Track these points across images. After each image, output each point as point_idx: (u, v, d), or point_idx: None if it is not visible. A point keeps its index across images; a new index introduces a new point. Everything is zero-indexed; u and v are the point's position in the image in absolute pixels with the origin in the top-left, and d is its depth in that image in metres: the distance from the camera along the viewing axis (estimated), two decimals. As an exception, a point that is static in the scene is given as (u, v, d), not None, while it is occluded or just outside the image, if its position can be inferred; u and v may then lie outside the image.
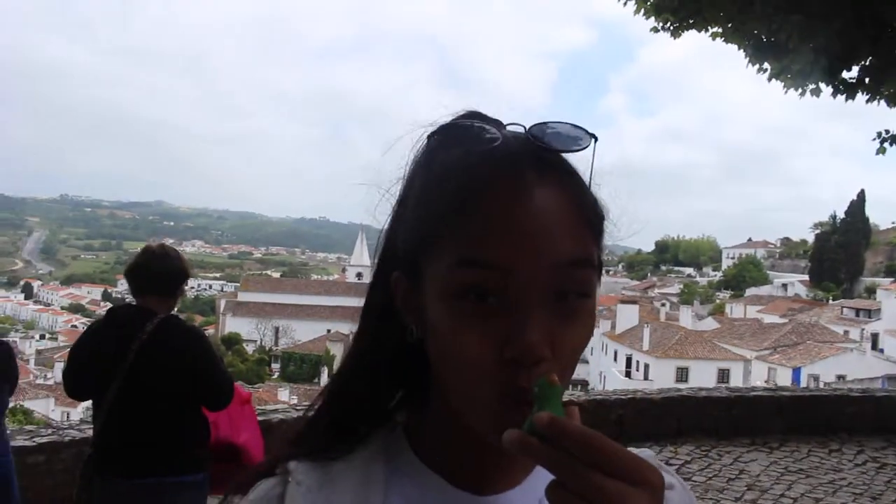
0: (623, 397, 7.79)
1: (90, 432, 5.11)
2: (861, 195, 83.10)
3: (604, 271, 0.69)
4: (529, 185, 0.61)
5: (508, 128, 0.67)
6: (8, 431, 3.24)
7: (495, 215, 0.60)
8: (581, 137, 0.65)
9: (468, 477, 0.69)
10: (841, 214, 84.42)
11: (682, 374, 44.94)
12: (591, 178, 0.67)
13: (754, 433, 7.76)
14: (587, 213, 0.65)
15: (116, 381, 2.77)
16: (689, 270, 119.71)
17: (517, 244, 0.60)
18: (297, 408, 6.92)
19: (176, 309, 3.15)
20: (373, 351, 0.71)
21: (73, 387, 3.01)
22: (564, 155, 0.65)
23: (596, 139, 0.65)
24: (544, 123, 0.65)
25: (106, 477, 2.83)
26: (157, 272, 2.94)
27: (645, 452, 0.70)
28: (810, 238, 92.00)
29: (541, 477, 0.64)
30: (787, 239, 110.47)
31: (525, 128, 0.65)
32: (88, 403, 3.00)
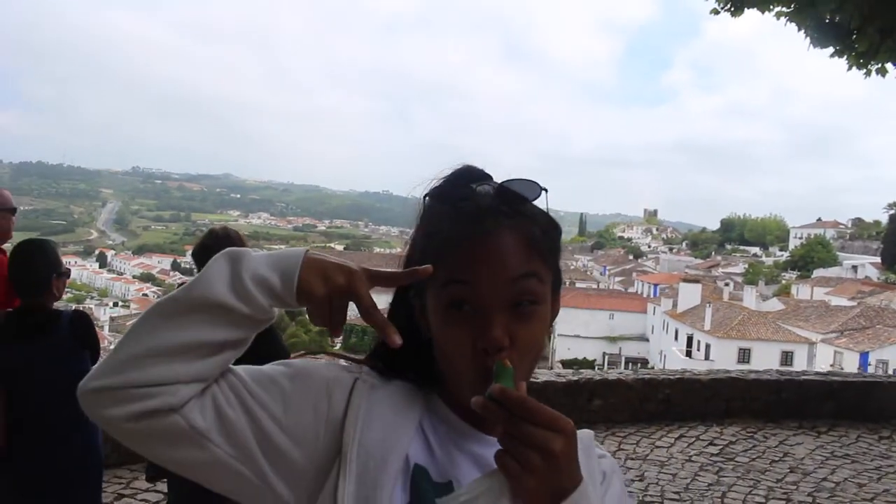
0: (671, 377, 7.88)
1: None
2: (940, 174, 79.59)
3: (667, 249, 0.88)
4: (489, 228, 0.92)
5: (486, 185, 0.97)
6: None
7: (466, 251, 0.91)
8: (534, 190, 0.97)
9: (475, 419, 0.95)
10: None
11: (745, 355, 44.26)
12: (547, 210, 0.99)
13: (803, 417, 7.77)
14: (534, 241, 0.94)
15: None
16: (755, 250, 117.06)
17: (479, 267, 0.91)
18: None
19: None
20: (407, 344, 0.94)
21: None
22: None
23: (546, 191, 0.97)
24: (508, 182, 0.96)
25: None
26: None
27: (585, 432, 1.00)
28: (884, 219, 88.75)
29: None
30: (859, 220, 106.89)
31: (494, 186, 0.97)
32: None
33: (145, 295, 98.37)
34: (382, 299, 0.97)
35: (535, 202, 0.98)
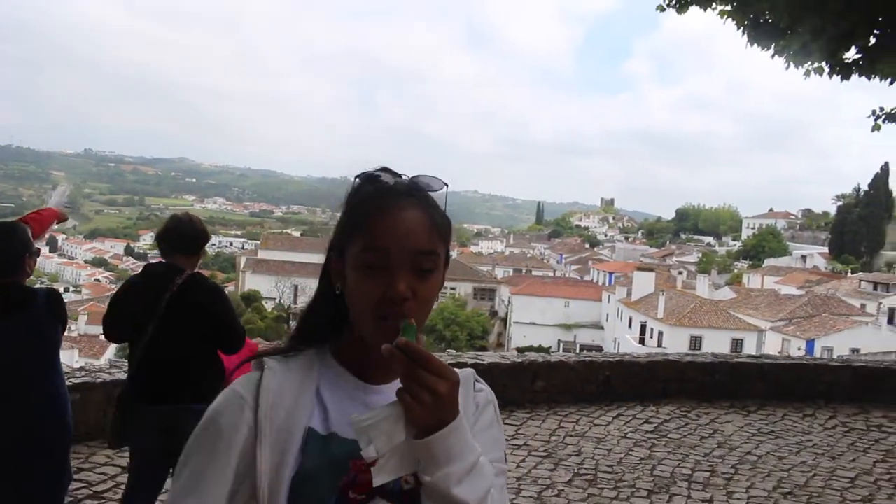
0: (611, 360, 8.26)
1: (119, 375, 5.76)
2: (885, 168, 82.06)
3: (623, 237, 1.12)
4: (403, 206, 1.17)
5: (401, 177, 1.23)
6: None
7: (382, 222, 1.15)
8: (438, 183, 1.23)
9: (365, 374, 1.23)
10: (864, 187, 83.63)
11: (696, 343, 45.23)
12: (445, 205, 1.24)
13: (735, 397, 8.21)
14: (437, 224, 1.20)
15: (151, 325, 3.35)
16: (709, 239, 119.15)
17: (392, 236, 1.14)
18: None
19: (199, 266, 3.70)
20: (322, 298, 1.26)
21: (113, 331, 3.60)
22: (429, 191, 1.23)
23: (447, 185, 1.24)
24: (418, 176, 1.23)
25: (140, 404, 3.43)
26: (184, 234, 3.51)
27: (466, 371, 1.29)
28: (832, 210, 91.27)
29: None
30: (809, 210, 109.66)
31: (408, 177, 1.23)
32: (110, 353, 3.54)
33: (97, 280, 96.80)
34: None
35: (438, 193, 1.24)
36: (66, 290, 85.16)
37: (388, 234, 1.15)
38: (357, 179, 1.25)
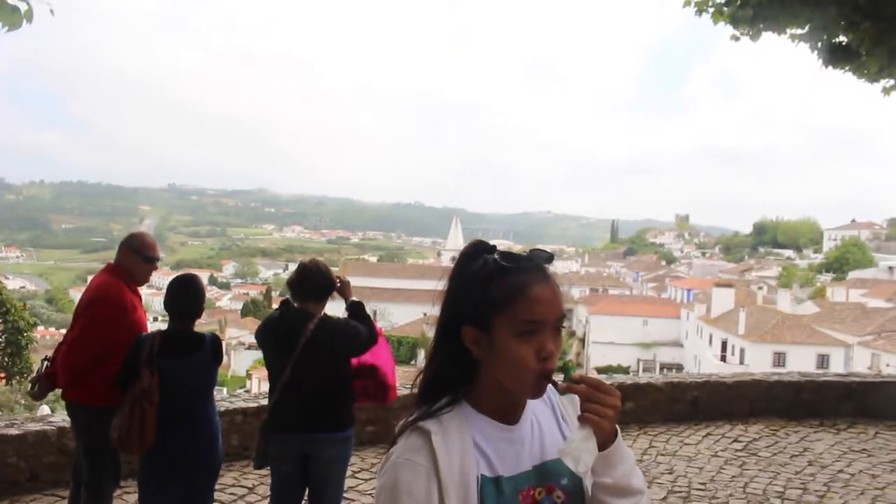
0: (698, 380, 8.46)
1: (231, 403, 6.38)
2: (978, 172, 78.33)
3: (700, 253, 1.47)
4: (540, 280, 1.40)
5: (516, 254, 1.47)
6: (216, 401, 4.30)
7: (534, 297, 1.38)
8: (552, 256, 1.47)
9: (503, 417, 1.45)
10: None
11: (780, 359, 44.09)
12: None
13: (823, 415, 8.29)
14: (560, 288, 1.43)
15: (288, 364, 3.78)
16: (789, 253, 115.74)
17: (543, 308, 1.38)
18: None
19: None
20: (450, 360, 1.46)
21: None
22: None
23: (553, 255, 1.47)
24: (535, 250, 1.47)
25: (279, 432, 3.86)
26: (315, 284, 3.92)
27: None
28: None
29: (528, 411, 1.48)
30: (895, 220, 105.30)
31: (536, 251, 1.48)
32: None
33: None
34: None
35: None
36: (156, 319, 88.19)
37: (540, 306, 1.38)
38: (460, 257, 1.49)
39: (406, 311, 66.06)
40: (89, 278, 4.67)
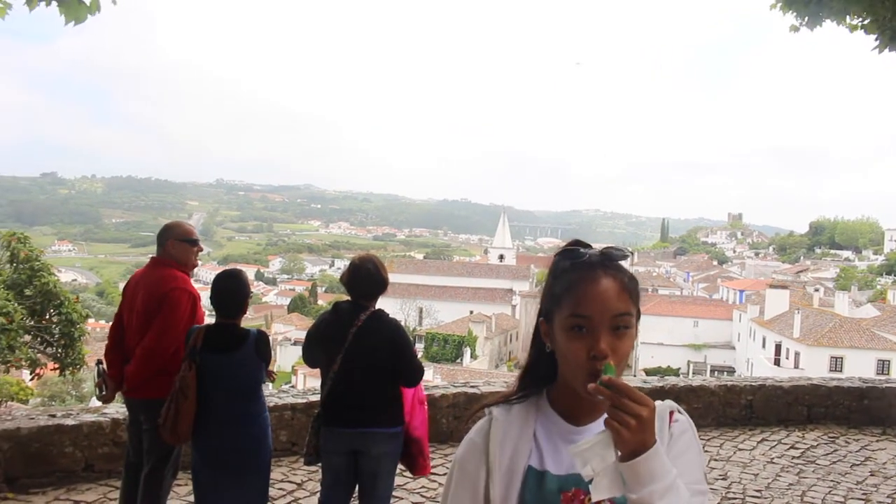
0: (753, 383, 8.23)
1: (316, 397, 6.42)
2: None
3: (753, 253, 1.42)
4: (598, 276, 1.41)
5: (594, 248, 1.49)
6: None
7: (584, 293, 1.40)
8: (624, 253, 1.46)
9: (573, 418, 1.49)
10: None
11: (837, 364, 43.01)
12: (631, 267, 1.70)
13: (886, 424, 8.00)
14: (627, 287, 1.42)
15: (339, 356, 3.78)
16: (848, 254, 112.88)
17: (592, 304, 1.39)
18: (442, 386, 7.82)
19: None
20: (537, 355, 1.54)
21: (307, 358, 4.07)
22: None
23: (632, 253, 1.74)
24: (607, 247, 1.47)
25: (330, 427, 3.86)
26: (370, 282, 3.92)
27: (665, 403, 1.50)
28: None
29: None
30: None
31: (598, 249, 1.47)
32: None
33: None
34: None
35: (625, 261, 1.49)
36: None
37: (590, 302, 1.39)
38: (556, 256, 1.52)
39: (452, 309, 66.19)
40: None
